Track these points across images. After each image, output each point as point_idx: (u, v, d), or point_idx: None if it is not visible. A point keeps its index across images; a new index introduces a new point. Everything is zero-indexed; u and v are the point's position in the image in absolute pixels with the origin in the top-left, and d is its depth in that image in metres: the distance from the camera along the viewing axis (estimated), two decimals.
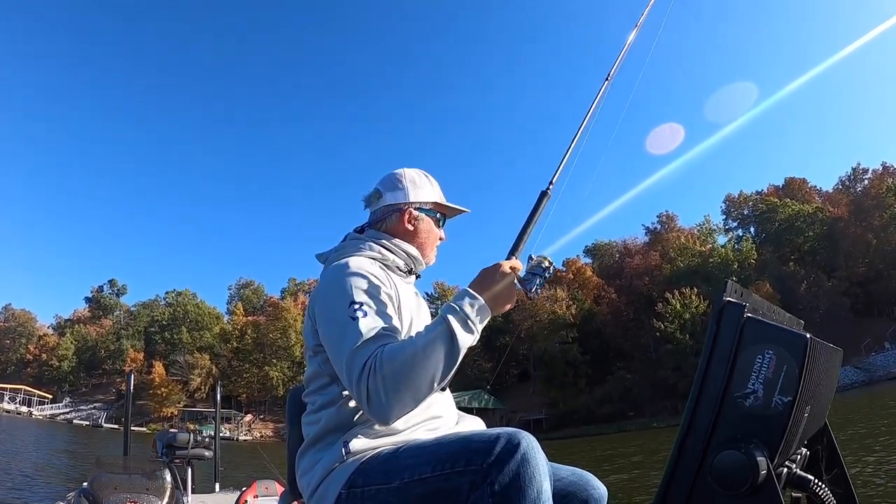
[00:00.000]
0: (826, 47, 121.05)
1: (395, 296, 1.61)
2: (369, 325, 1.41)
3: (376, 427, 1.45)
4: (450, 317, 1.35)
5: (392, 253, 1.76)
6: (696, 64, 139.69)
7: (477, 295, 1.40)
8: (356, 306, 1.45)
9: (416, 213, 1.84)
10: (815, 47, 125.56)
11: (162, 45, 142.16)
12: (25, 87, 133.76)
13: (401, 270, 1.77)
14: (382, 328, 1.41)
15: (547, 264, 1.51)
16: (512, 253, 1.59)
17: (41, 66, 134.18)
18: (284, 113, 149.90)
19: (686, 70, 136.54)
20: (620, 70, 2.16)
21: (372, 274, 1.57)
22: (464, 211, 1.92)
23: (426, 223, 1.86)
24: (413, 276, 1.84)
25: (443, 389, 1.40)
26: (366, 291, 1.50)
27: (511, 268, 1.47)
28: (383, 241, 1.77)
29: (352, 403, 1.48)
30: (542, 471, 1.20)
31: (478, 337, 1.38)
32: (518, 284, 1.48)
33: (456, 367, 1.34)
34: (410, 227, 1.83)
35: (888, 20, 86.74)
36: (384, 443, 1.44)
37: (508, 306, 1.46)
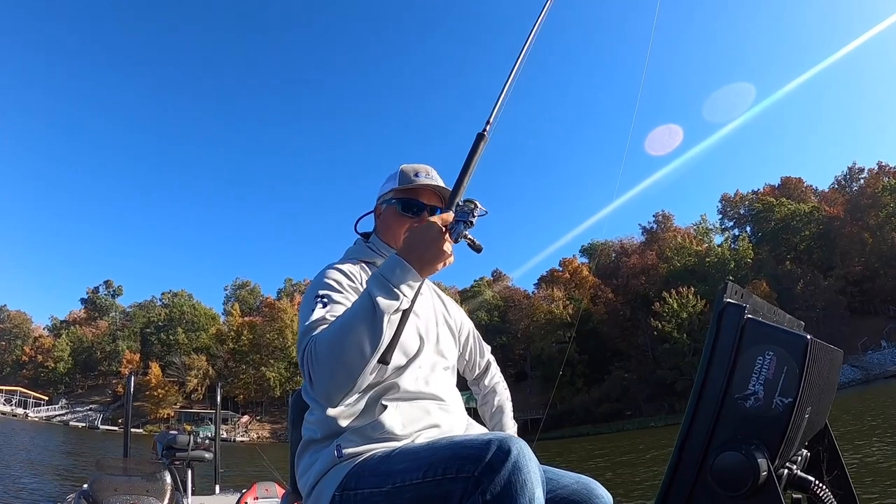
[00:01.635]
0: (823, 48, 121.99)
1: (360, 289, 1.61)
2: (320, 313, 1.45)
3: (371, 431, 1.45)
4: (370, 284, 1.33)
5: (374, 252, 1.77)
6: (696, 65, 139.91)
7: (402, 258, 1.34)
8: (318, 298, 1.51)
9: (381, 207, 1.84)
10: (811, 48, 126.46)
11: (157, 45, 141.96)
12: (18, 86, 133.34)
13: None
14: (331, 316, 1.44)
15: (472, 207, 1.39)
16: (449, 205, 1.45)
17: (35, 64, 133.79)
18: (282, 114, 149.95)
19: (685, 71, 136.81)
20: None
21: (345, 272, 1.62)
22: (424, 185, 1.77)
23: (388, 214, 1.82)
24: None
25: (383, 362, 1.31)
26: (331, 286, 1.56)
27: (442, 222, 1.37)
28: (370, 243, 1.81)
29: (346, 405, 1.47)
30: (535, 478, 1.18)
31: (408, 301, 1.33)
32: (448, 236, 1.37)
33: (387, 334, 1.29)
34: (381, 224, 1.84)
35: (883, 22, 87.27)
36: (379, 447, 1.43)
37: (441, 265, 1.36)
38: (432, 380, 1.61)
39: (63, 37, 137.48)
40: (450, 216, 1.38)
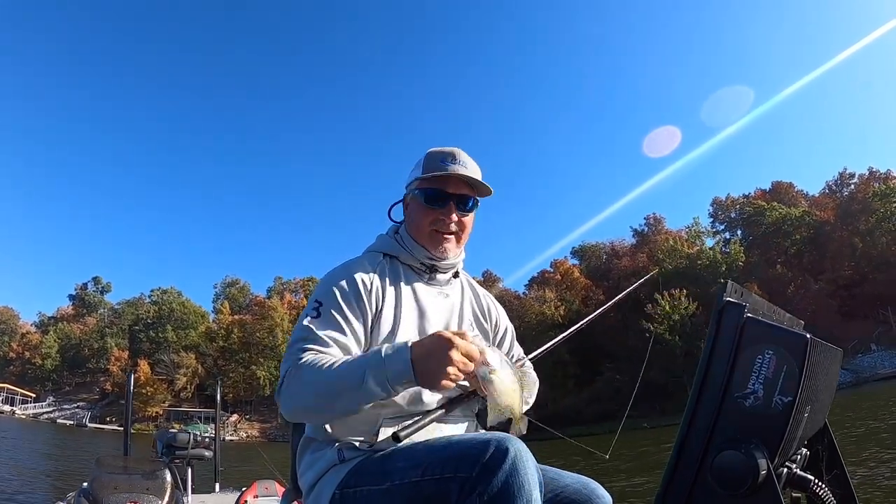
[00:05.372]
0: (817, 55, 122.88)
1: (379, 298, 1.54)
2: (315, 325, 1.45)
3: (372, 433, 1.44)
4: (371, 363, 1.31)
5: (402, 247, 1.67)
6: (695, 66, 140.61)
7: (410, 362, 1.28)
8: (317, 304, 1.49)
9: (408, 198, 1.70)
10: (806, 55, 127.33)
11: (147, 44, 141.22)
12: (10, 83, 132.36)
13: (416, 269, 1.67)
14: (323, 332, 1.43)
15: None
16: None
17: (29, 63, 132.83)
18: (273, 112, 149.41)
19: (685, 72, 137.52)
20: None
21: (356, 281, 1.53)
22: (449, 174, 1.60)
23: (413, 206, 1.68)
24: (440, 274, 1.69)
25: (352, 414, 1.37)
26: (332, 294, 1.50)
27: (465, 354, 1.28)
28: (398, 235, 1.71)
29: None
30: (532, 480, 1.17)
31: (394, 395, 1.33)
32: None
33: (364, 406, 1.33)
34: (407, 217, 1.72)
35: (877, 30, 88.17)
36: (379, 447, 1.43)
37: (444, 383, 1.28)
38: (436, 396, 1.53)
39: (47, 41, 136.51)
40: (475, 353, 1.30)
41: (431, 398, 1.51)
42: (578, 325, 2.32)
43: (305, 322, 1.45)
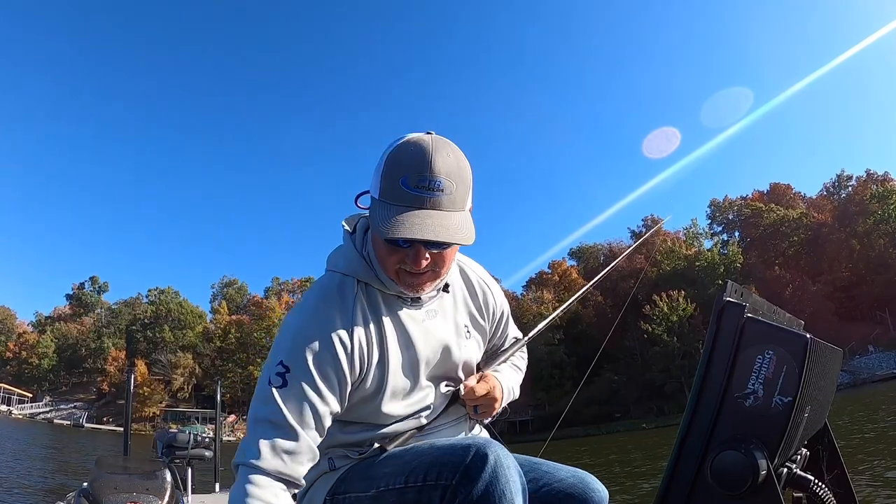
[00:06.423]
0: (816, 58, 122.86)
1: (364, 360, 1.33)
2: (282, 398, 1.24)
3: (364, 444, 1.43)
4: None
5: (374, 273, 1.37)
6: (695, 67, 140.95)
7: None
8: (283, 368, 1.26)
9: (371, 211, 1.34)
10: (805, 58, 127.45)
11: (151, 45, 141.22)
12: (8, 83, 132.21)
13: (392, 293, 1.39)
14: (292, 411, 1.24)
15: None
16: None
17: (26, 62, 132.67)
18: (269, 111, 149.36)
19: (684, 72, 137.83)
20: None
21: (336, 332, 1.29)
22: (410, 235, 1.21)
23: (373, 230, 1.34)
24: (425, 300, 1.43)
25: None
26: (305, 356, 1.26)
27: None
28: (366, 253, 1.39)
29: (342, 420, 1.41)
30: (514, 487, 1.15)
31: None
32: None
33: None
34: (374, 238, 1.36)
35: (876, 32, 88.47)
36: (368, 454, 1.41)
37: None
38: (427, 411, 1.47)
39: (46, 40, 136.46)
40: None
41: (428, 412, 1.46)
42: (573, 298, 2.24)
43: (272, 391, 1.24)
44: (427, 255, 1.28)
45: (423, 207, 1.22)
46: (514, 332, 1.77)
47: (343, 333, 1.30)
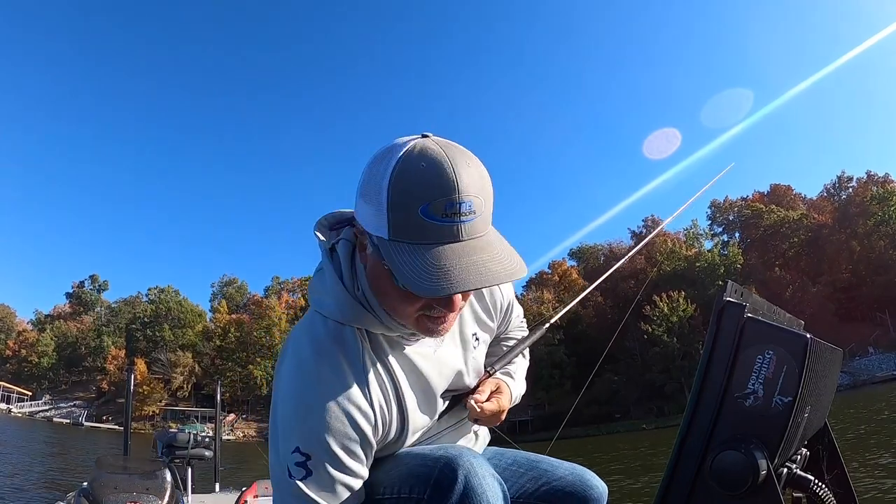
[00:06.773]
0: (817, 59, 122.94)
1: (386, 424, 1.18)
2: (310, 488, 1.10)
3: None
4: None
5: (376, 318, 1.14)
6: (696, 67, 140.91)
7: None
8: (300, 458, 1.09)
9: (367, 244, 1.07)
10: (806, 59, 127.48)
11: (152, 45, 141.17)
12: (7, 82, 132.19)
13: (395, 334, 1.20)
14: (322, 495, 1.10)
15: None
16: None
17: (25, 62, 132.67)
18: (269, 111, 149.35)
19: (684, 73, 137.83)
20: None
21: (354, 408, 1.11)
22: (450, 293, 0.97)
23: (376, 268, 1.08)
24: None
25: None
26: (326, 442, 1.09)
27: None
28: (360, 295, 1.15)
29: None
30: (492, 493, 1.09)
31: None
32: None
33: None
34: (370, 272, 1.12)
35: (875, 35, 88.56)
36: None
37: None
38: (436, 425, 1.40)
39: (46, 40, 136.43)
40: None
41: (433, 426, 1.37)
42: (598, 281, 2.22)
43: (296, 485, 1.10)
44: (459, 304, 1.09)
45: (459, 239, 0.97)
46: (518, 309, 1.58)
47: (360, 401, 1.12)
